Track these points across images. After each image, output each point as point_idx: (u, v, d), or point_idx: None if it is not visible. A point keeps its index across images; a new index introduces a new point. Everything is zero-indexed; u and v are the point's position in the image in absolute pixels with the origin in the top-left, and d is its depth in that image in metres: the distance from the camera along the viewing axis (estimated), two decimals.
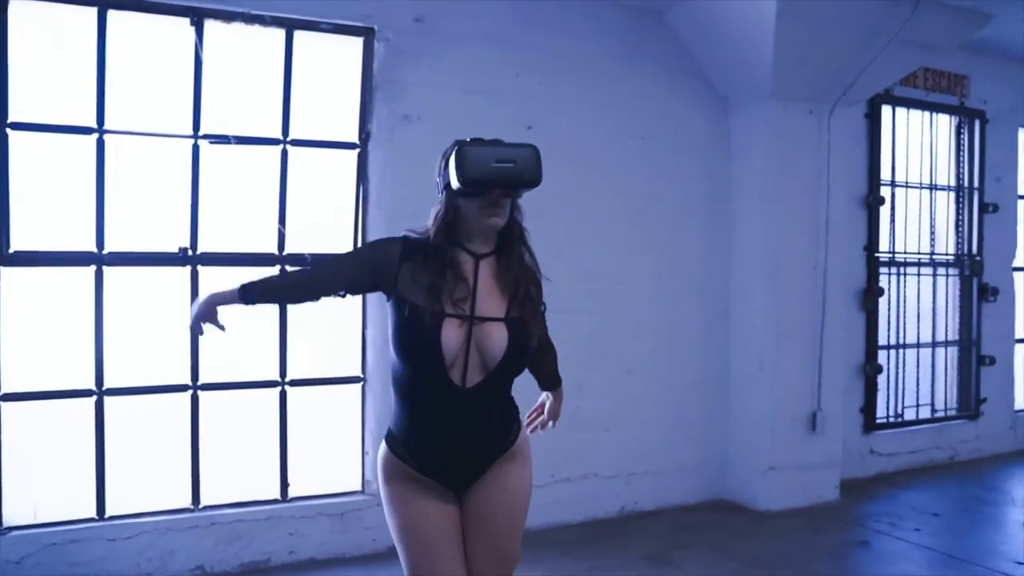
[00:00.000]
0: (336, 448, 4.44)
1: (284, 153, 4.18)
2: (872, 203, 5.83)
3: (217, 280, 4.06)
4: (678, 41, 5.09)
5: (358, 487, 4.44)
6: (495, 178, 1.97)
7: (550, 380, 2.58)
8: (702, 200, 5.26)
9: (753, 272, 5.17)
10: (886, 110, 5.90)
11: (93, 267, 3.83)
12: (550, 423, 2.63)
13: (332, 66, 4.33)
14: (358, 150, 4.37)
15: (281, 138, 4.18)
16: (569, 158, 4.70)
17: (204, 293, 2.24)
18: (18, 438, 3.76)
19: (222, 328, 2.23)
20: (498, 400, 2.15)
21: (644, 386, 5.07)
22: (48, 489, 3.83)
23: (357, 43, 4.33)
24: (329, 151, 4.33)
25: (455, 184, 1.98)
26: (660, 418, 5.14)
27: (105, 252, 3.85)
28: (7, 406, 3.74)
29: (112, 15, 3.81)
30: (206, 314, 2.18)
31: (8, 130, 3.68)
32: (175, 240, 3.99)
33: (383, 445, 2.19)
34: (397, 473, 2.14)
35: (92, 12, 3.77)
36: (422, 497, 2.12)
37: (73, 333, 3.85)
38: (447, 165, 2.04)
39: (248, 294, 2.18)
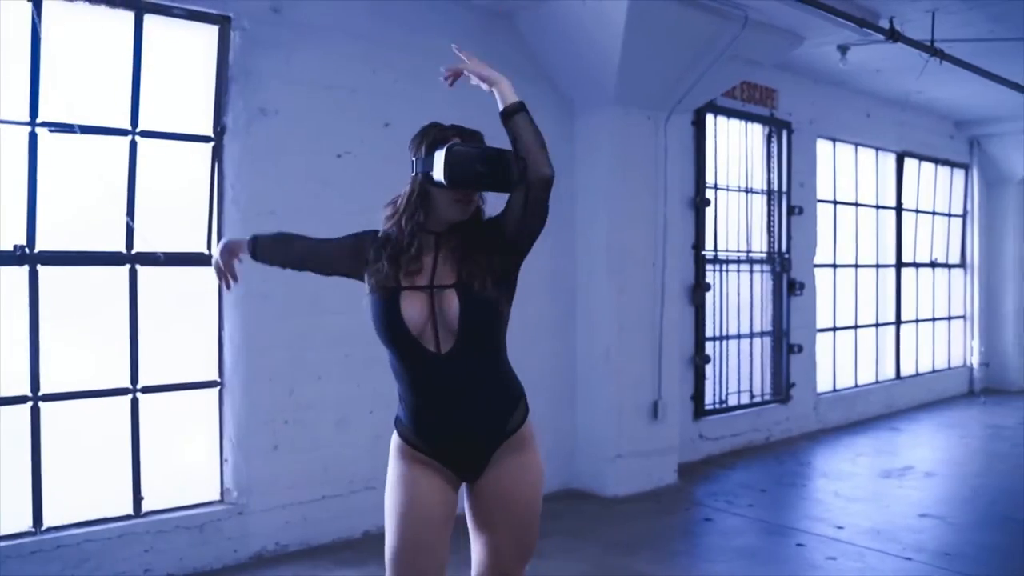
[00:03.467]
0: (193, 457, 4.22)
1: (133, 144, 3.92)
2: (699, 204, 6.28)
3: (59, 281, 3.76)
4: (527, 45, 5.25)
5: (217, 496, 4.23)
6: (478, 181, 2.08)
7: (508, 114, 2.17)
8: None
9: (598, 269, 5.42)
10: (710, 118, 6.38)
11: (25, 268, 3.43)
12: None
13: (185, 55, 4.11)
14: (213, 143, 4.17)
15: (130, 128, 3.91)
16: None
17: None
18: None
19: (234, 279, 2.47)
20: (484, 369, 2.18)
21: None
22: None
23: (212, 31, 4.13)
24: (182, 143, 4.11)
25: (438, 179, 2.05)
26: None
27: None
28: None
29: None
30: (223, 258, 2.44)
31: None
32: (10, 237, 3.64)
33: (394, 432, 2.25)
34: (405, 454, 2.20)
35: None
36: (421, 482, 2.16)
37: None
38: (426, 153, 2.11)
39: (255, 245, 2.38)
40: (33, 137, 3.66)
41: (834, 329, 7.80)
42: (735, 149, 6.67)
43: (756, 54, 5.49)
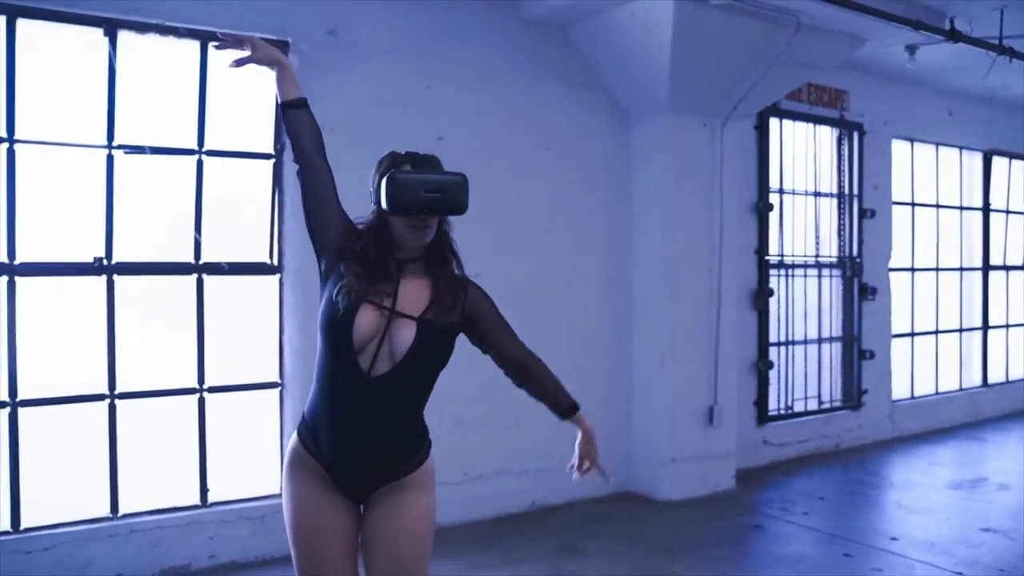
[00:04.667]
0: (255, 453, 4.52)
1: (200, 163, 4.24)
2: (762, 209, 6.24)
3: (134, 289, 4.11)
4: (581, 56, 5.35)
5: (277, 490, 4.51)
6: (423, 207, 2.07)
7: (557, 402, 2.41)
8: (605, 207, 5.54)
9: (652, 275, 5.48)
10: (774, 122, 6.32)
11: (5, 277, 3.81)
12: (591, 466, 2.52)
13: (247, 78, 4.39)
14: (273, 160, 4.46)
15: (197, 148, 4.23)
16: (477, 167, 4.80)
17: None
18: None
19: (237, 63, 2.31)
20: (402, 404, 2.18)
21: None
22: None
23: None
24: (245, 161, 4.41)
25: (385, 207, 2.08)
26: None
27: (17, 262, 3.84)
28: None
29: (22, 24, 3.80)
30: (264, 52, 2.31)
31: None
32: (90, 250, 4.01)
33: (294, 435, 2.23)
34: (302, 468, 2.18)
35: (0, 21, 3.76)
36: (321, 511, 2.16)
37: None
38: (377, 182, 2.14)
39: (303, 103, 2.32)
40: (110, 159, 4.03)
41: (912, 335, 7.58)
42: (802, 152, 6.58)
43: (814, 58, 5.43)
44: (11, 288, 3.83)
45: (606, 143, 5.54)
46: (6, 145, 3.80)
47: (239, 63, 2.30)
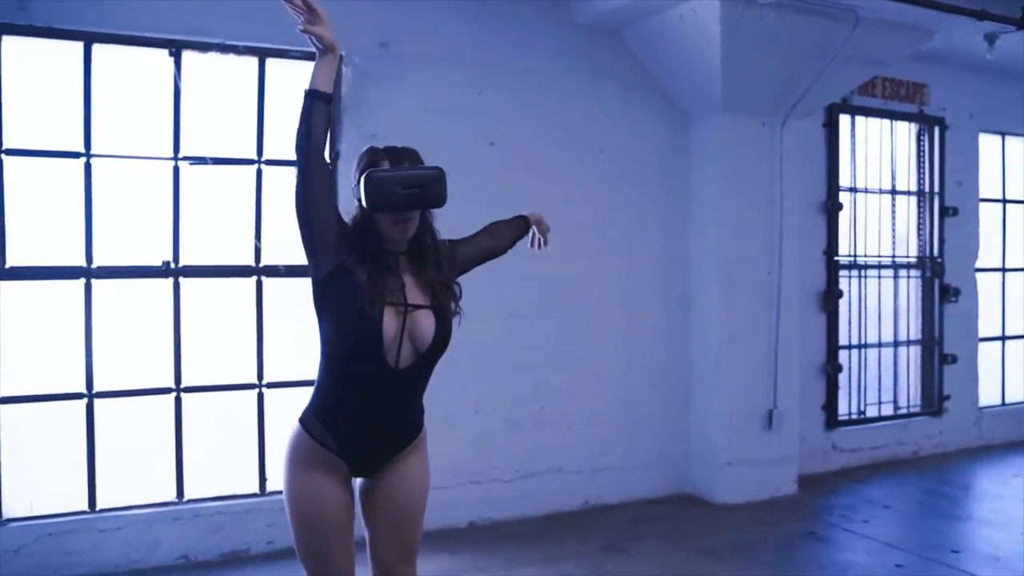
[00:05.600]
0: None
1: (259, 172, 4.51)
2: (831, 209, 6.08)
3: (199, 291, 4.42)
4: (636, 59, 5.37)
5: None
6: (400, 203, 2.15)
7: (516, 234, 2.79)
8: (661, 209, 5.54)
9: (708, 277, 5.45)
10: (844, 119, 6.16)
11: (83, 280, 4.17)
12: (544, 238, 2.86)
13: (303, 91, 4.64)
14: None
15: (256, 158, 4.50)
16: (528, 171, 5.03)
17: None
18: (16, 437, 4.10)
19: (304, 28, 2.13)
20: (421, 388, 2.37)
21: (605, 386, 5.37)
22: (44, 484, 4.18)
23: None
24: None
25: (364, 204, 2.18)
26: (621, 416, 5.42)
27: (94, 266, 4.19)
28: (5, 408, 4.08)
29: (96, 48, 4.15)
30: (330, 34, 2.15)
31: (3, 156, 4.03)
32: (159, 254, 4.33)
33: (297, 428, 2.30)
34: (307, 458, 2.27)
35: (78, 46, 4.12)
36: (325, 489, 2.27)
37: (65, 341, 4.20)
38: (357, 180, 2.21)
39: (329, 96, 2.21)
40: (176, 170, 4.34)
41: (1003, 338, 7.19)
42: (876, 149, 6.37)
43: (879, 53, 5.28)
44: (88, 290, 4.18)
45: (663, 145, 5.53)
46: (83, 159, 4.16)
47: (305, 28, 2.13)
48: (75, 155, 4.15)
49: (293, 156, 2.26)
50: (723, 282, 5.37)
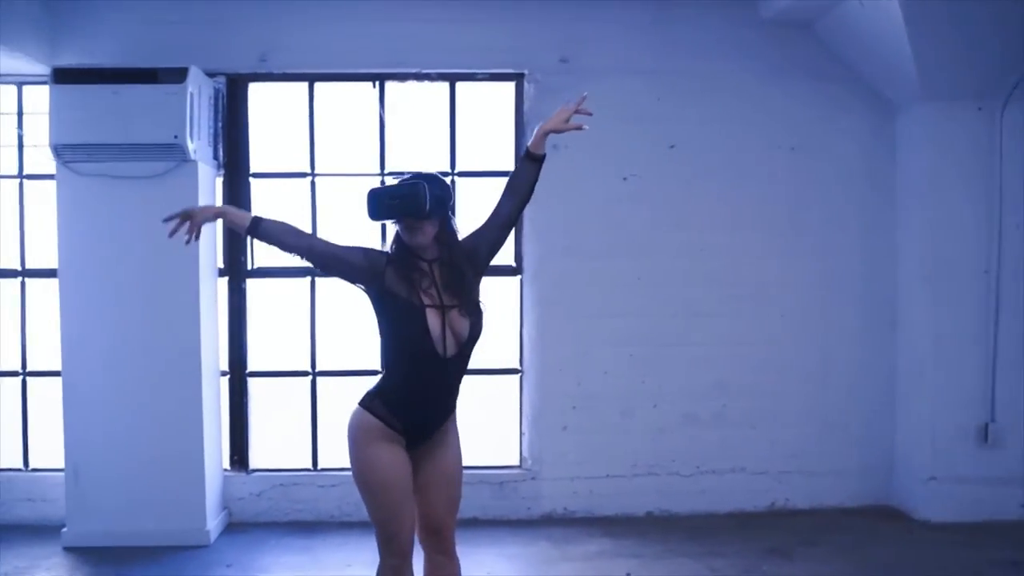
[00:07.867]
0: (497, 430, 5.26)
1: (452, 183, 5.11)
2: None
3: None
4: (830, 51, 5.16)
5: (516, 462, 5.23)
6: (389, 213, 2.63)
7: (523, 170, 2.89)
8: (860, 205, 5.27)
9: (912, 277, 5.10)
10: None
11: (309, 278, 5.07)
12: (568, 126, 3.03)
13: (489, 108, 5.17)
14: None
15: (450, 171, 5.10)
16: (710, 172, 5.11)
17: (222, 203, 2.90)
18: (260, 405, 5.11)
19: (189, 238, 2.66)
20: (464, 372, 2.80)
21: (795, 387, 5.24)
22: (278, 444, 5.17)
23: (510, 87, 5.13)
24: (490, 179, 5.16)
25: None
26: (814, 419, 5.26)
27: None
28: (254, 381, 5.10)
29: (318, 86, 5.02)
30: (206, 214, 2.73)
31: (250, 178, 5.03)
32: None
33: (360, 411, 2.73)
34: (374, 436, 2.69)
35: (304, 85, 5.01)
36: (392, 461, 2.70)
37: (294, 328, 5.12)
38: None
39: (258, 224, 2.65)
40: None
41: None
42: None
43: None
44: (312, 287, 5.08)
45: (862, 137, 5.26)
46: (309, 178, 5.05)
47: (192, 235, 2.67)
48: (302, 175, 5.05)
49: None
50: (930, 281, 4.99)
